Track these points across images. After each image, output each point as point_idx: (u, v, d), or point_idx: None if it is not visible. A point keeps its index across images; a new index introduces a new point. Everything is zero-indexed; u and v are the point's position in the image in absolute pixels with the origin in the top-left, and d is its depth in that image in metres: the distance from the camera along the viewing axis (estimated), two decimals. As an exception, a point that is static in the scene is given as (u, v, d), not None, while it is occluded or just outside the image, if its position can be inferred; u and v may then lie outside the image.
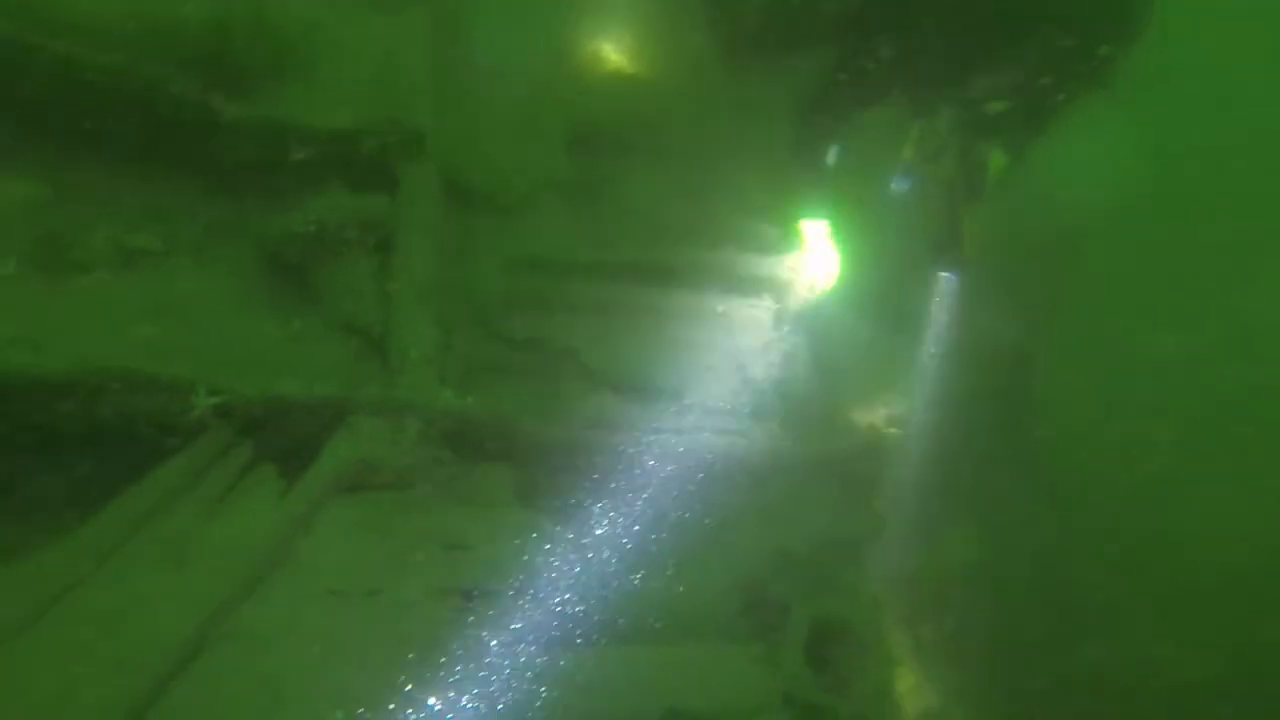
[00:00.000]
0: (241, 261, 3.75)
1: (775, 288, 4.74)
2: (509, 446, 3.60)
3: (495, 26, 4.45)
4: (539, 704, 3.22)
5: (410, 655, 3.02)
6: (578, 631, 3.46)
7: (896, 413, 4.99)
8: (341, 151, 3.91)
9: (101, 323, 3.16)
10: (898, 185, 4.33)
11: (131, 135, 3.63)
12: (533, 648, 3.29)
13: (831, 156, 4.07)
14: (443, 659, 3.10)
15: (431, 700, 3.03)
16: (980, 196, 4.31)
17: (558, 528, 3.52)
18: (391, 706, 2.92)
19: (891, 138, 4.30)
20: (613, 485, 3.88)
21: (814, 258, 4.29)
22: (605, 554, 3.67)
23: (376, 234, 3.80)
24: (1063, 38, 3.54)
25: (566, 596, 3.45)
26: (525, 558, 3.40)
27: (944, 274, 4.93)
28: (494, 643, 3.23)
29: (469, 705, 3.10)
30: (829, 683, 4.12)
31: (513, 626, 3.28)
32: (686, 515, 4.04)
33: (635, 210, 4.96)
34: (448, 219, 4.08)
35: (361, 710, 2.85)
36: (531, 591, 3.37)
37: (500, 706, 3.14)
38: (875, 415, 4.87)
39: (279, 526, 2.99)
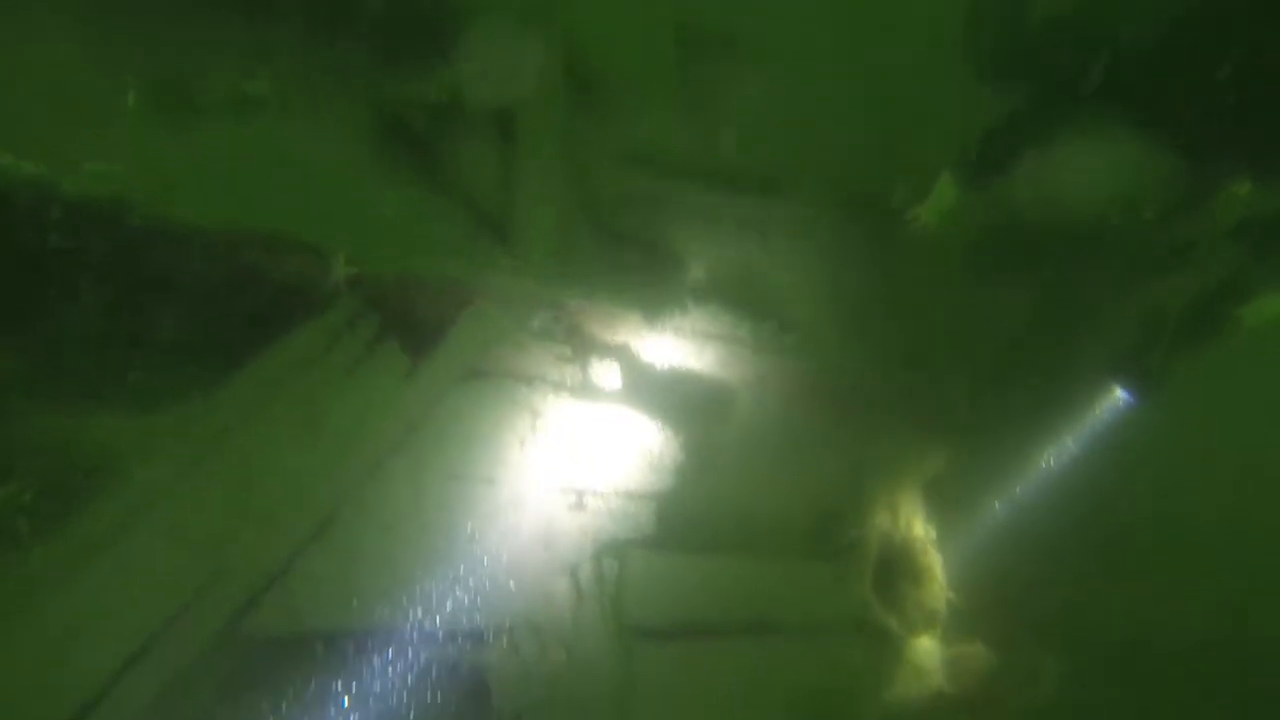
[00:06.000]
0: (359, 123, 3.56)
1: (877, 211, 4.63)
2: (622, 345, 3.53)
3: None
4: (637, 599, 3.29)
5: (523, 546, 3.05)
6: (673, 533, 3.51)
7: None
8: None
9: (229, 174, 3.01)
10: None
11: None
12: (634, 548, 3.34)
13: None
14: (554, 551, 3.13)
15: (542, 589, 3.08)
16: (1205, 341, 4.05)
17: (663, 430, 3.51)
18: (504, 596, 2.97)
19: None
20: (711, 397, 3.86)
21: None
22: (701, 459, 3.69)
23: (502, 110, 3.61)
24: None
25: (668, 499, 3.48)
26: (632, 458, 3.41)
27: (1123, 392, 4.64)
28: (597, 539, 3.27)
29: (574, 594, 3.16)
30: (890, 605, 4.24)
31: (616, 525, 3.31)
32: (773, 434, 4.06)
33: (742, 117, 4.77)
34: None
35: (478, 597, 2.89)
36: (637, 491, 3.39)
37: (604, 602, 3.20)
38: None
39: (405, 406, 2.94)
